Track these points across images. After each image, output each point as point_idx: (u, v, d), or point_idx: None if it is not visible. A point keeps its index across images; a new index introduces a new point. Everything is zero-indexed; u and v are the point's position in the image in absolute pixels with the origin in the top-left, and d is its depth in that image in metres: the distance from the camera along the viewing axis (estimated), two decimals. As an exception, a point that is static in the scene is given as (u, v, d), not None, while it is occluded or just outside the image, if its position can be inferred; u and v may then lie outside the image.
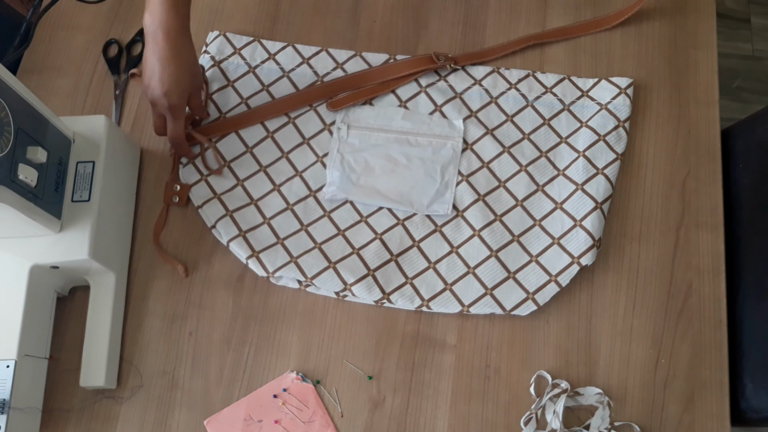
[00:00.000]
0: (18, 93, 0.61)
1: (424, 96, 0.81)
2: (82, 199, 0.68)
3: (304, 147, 0.79)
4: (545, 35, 0.84)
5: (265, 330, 0.72)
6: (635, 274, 0.74)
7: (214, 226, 0.75)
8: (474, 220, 0.74)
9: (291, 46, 0.84)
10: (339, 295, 0.73)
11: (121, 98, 0.83)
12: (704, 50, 0.84)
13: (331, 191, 0.76)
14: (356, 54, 0.84)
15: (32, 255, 0.66)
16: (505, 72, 0.82)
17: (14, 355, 0.64)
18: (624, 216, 0.76)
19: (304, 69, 0.83)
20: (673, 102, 0.81)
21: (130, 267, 0.75)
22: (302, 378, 0.70)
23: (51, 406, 0.70)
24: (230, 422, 0.69)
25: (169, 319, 0.73)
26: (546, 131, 0.79)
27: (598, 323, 0.72)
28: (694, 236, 0.75)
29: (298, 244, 0.74)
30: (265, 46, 0.83)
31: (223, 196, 0.76)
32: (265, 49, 0.83)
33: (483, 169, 0.77)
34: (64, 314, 0.73)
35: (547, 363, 0.71)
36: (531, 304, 0.71)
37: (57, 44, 0.87)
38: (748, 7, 1.74)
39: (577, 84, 0.82)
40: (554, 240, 0.74)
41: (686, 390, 0.69)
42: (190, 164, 0.78)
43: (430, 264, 0.73)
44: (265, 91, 0.82)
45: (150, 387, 0.70)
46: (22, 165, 0.60)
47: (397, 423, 0.69)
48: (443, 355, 0.71)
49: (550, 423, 0.67)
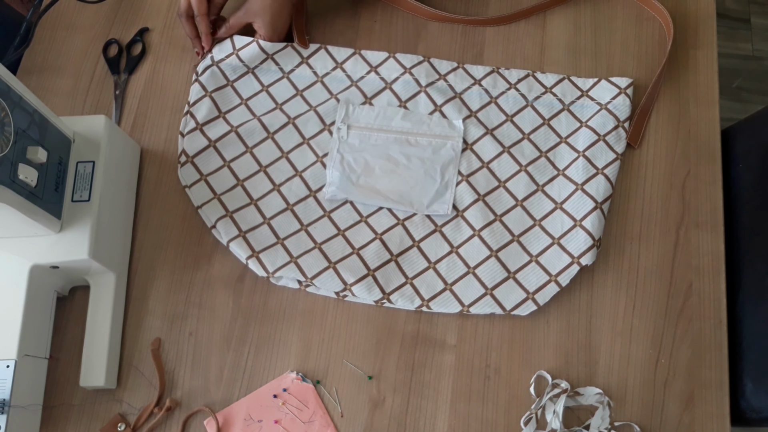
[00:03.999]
0: (18, 93, 0.61)
1: (424, 96, 0.81)
2: (82, 199, 0.68)
3: (304, 147, 0.79)
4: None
5: (265, 330, 0.72)
6: (635, 274, 0.74)
7: (214, 226, 0.75)
8: (474, 220, 0.74)
9: (290, 46, 0.84)
10: (339, 295, 0.73)
11: (121, 98, 0.83)
12: (704, 50, 0.84)
13: (331, 191, 0.76)
14: (355, 52, 0.84)
15: (32, 255, 0.66)
16: (505, 72, 0.82)
17: (14, 355, 0.64)
18: (624, 216, 0.76)
19: (303, 69, 0.83)
20: (673, 102, 0.81)
21: (130, 267, 0.75)
22: (302, 378, 0.70)
23: (51, 406, 0.70)
24: (230, 422, 0.69)
25: (169, 319, 0.73)
26: (546, 131, 0.79)
27: (598, 323, 0.72)
28: (694, 236, 0.75)
29: (298, 244, 0.74)
30: (263, 47, 0.83)
31: (222, 197, 0.76)
32: (263, 50, 0.83)
33: (483, 169, 0.77)
34: (64, 314, 0.73)
35: (547, 363, 0.71)
36: (531, 304, 0.71)
37: (57, 44, 0.87)
38: (748, 7, 1.74)
39: (577, 84, 0.82)
40: (554, 240, 0.74)
41: (686, 390, 0.69)
42: (189, 163, 0.77)
43: (430, 264, 0.73)
44: (264, 92, 0.82)
45: (150, 387, 0.70)
46: (22, 165, 0.60)
47: (397, 423, 0.69)
48: (443, 355, 0.71)
49: (550, 423, 0.67)
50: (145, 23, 0.88)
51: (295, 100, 0.82)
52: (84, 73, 0.85)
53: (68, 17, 0.89)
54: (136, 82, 0.85)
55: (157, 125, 0.82)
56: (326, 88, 0.82)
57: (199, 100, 0.81)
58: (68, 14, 0.89)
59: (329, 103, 0.81)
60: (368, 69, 0.83)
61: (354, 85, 0.82)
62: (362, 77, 0.82)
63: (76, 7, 0.89)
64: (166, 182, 0.79)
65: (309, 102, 0.82)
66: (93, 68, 0.86)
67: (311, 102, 0.82)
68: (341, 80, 0.83)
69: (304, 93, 0.82)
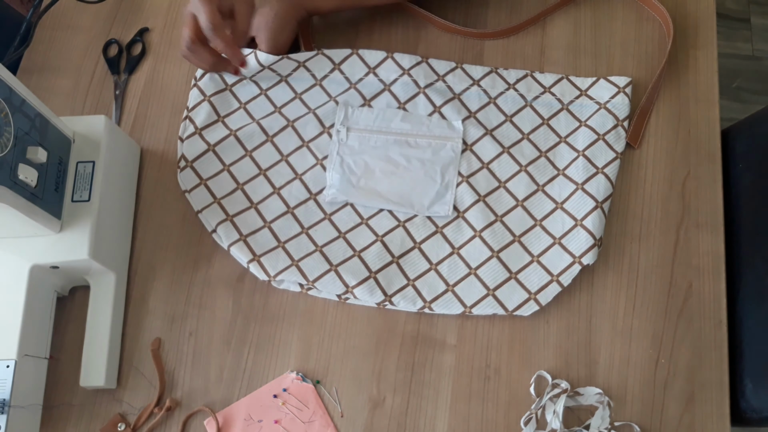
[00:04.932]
0: (18, 93, 0.61)
1: (423, 97, 0.81)
2: (82, 199, 0.68)
3: (304, 150, 0.79)
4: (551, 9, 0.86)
5: (265, 330, 0.72)
6: (635, 274, 0.74)
7: (214, 230, 0.74)
8: (475, 221, 0.74)
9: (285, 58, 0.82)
10: (341, 298, 0.73)
11: (121, 98, 0.83)
12: (704, 50, 0.84)
13: (332, 194, 0.76)
14: (353, 52, 0.84)
15: (32, 255, 0.66)
16: (504, 72, 0.82)
17: (14, 355, 0.64)
18: (624, 216, 0.76)
19: (301, 72, 0.83)
20: (673, 102, 0.81)
21: (130, 267, 0.75)
22: (302, 378, 0.70)
23: (51, 406, 0.70)
24: (230, 422, 0.69)
25: (169, 319, 0.73)
26: (545, 131, 0.79)
27: (598, 323, 0.72)
28: (694, 236, 0.75)
29: (299, 247, 0.74)
30: (259, 59, 0.81)
31: (222, 201, 0.76)
32: (260, 63, 0.81)
33: (483, 169, 0.77)
34: (64, 314, 0.73)
35: (547, 363, 0.71)
36: (533, 304, 0.71)
37: (57, 44, 0.87)
38: (748, 7, 1.74)
39: (576, 83, 0.82)
40: (555, 240, 0.74)
41: (686, 390, 0.69)
42: (188, 168, 0.77)
43: (431, 265, 0.73)
44: (263, 95, 0.82)
45: (150, 387, 0.70)
46: (22, 165, 0.60)
47: (397, 423, 0.69)
48: (443, 355, 0.71)
49: (550, 423, 0.67)
50: (145, 23, 0.88)
51: (294, 103, 0.82)
52: (84, 73, 0.85)
53: (68, 17, 0.89)
54: (136, 82, 0.85)
55: (157, 125, 0.82)
56: (325, 91, 0.82)
57: (198, 105, 0.81)
58: (68, 14, 0.89)
59: (328, 106, 0.81)
60: (366, 70, 0.83)
61: (353, 87, 0.82)
62: (361, 79, 0.82)
63: (76, 7, 0.89)
64: (166, 182, 0.79)
65: (308, 105, 0.81)
66: (93, 68, 0.86)
67: (310, 105, 0.81)
68: (340, 82, 0.82)
69: (302, 96, 0.82)
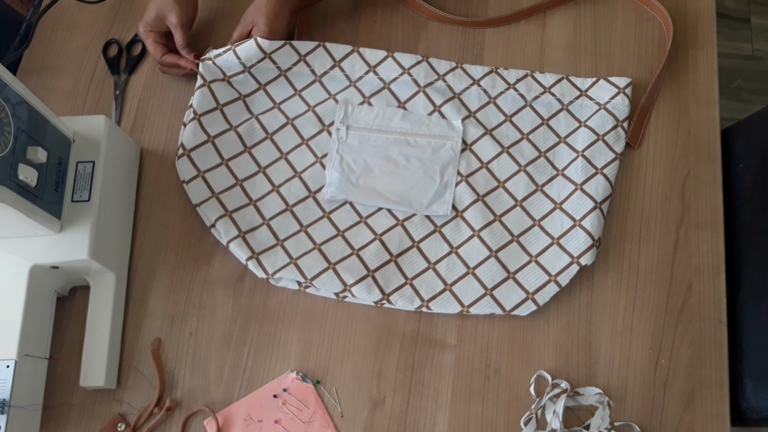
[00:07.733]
0: (18, 93, 0.61)
1: (423, 96, 0.81)
2: (82, 199, 0.68)
3: (303, 148, 0.79)
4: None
5: (265, 330, 0.72)
6: (635, 274, 0.74)
7: (213, 225, 0.74)
8: (473, 221, 0.74)
9: (288, 44, 0.83)
10: (339, 296, 0.73)
11: (121, 98, 0.83)
12: (704, 50, 0.84)
13: (331, 192, 0.76)
14: (354, 50, 0.84)
15: (32, 255, 0.66)
16: (504, 72, 0.82)
17: (14, 355, 0.64)
18: (624, 216, 0.76)
19: (301, 67, 0.83)
20: (673, 102, 0.81)
21: (130, 267, 0.75)
22: (302, 378, 0.70)
23: (51, 406, 0.70)
24: (230, 422, 0.69)
25: (169, 319, 0.73)
26: (545, 131, 0.79)
27: (598, 323, 0.72)
28: (694, 236, 0.75)
29: (298, 245, 0.74)
30: (261, 46, 0.81)
31: (221, 196, 0.76)
32: (261, 49, 0.82)
33: (482, 169, 0.77)
34: (64, 314, 0.73)
35: (547, 363, 0.71)
36: (531, 304, 0.71)
37: (57, 44, 0.87)
38: (748, 7, 1.74)
39: (576, 84, 0.82)
40: (554, 240, 0.74)
41: (686, 390, 0.69)
42: (185, 157, 0.77)
43: (429, 264, 0.73)
44: (262, 90, 0.82)
45: (150, 387, 0.70)
46: (22, 165, 0.60)
47: (397, 423, 0.69)
48: (443, 355, 0.71)
49: (550, 423, 0.67)
50: (145, 23, 0.88)
51: (294, 99, 0.82)
52: (84, 73, 0.85)
53: (68, 17, 0.89)
54: (136, 82, 0.85)
55: (157, 125, 0.82)
56: (324, 88, 0.82)
57: (198, 89, 0.80)
58: (68, 14, 0.89)
59: (328, 104, 0.81)
60: (366, 69, 0.83)
61: (352, 86, 0.82)
62: (361, 77, 0.82)
63: (76, 7, 0.89)
64: (166, 182, 0.79)
65: (307, 102, 0.81)
66: (93, 68, 0.86)
67: (309, 102, 0.81)
68: (339, 80, 0.82)
69: (302, 93, 0.82)
